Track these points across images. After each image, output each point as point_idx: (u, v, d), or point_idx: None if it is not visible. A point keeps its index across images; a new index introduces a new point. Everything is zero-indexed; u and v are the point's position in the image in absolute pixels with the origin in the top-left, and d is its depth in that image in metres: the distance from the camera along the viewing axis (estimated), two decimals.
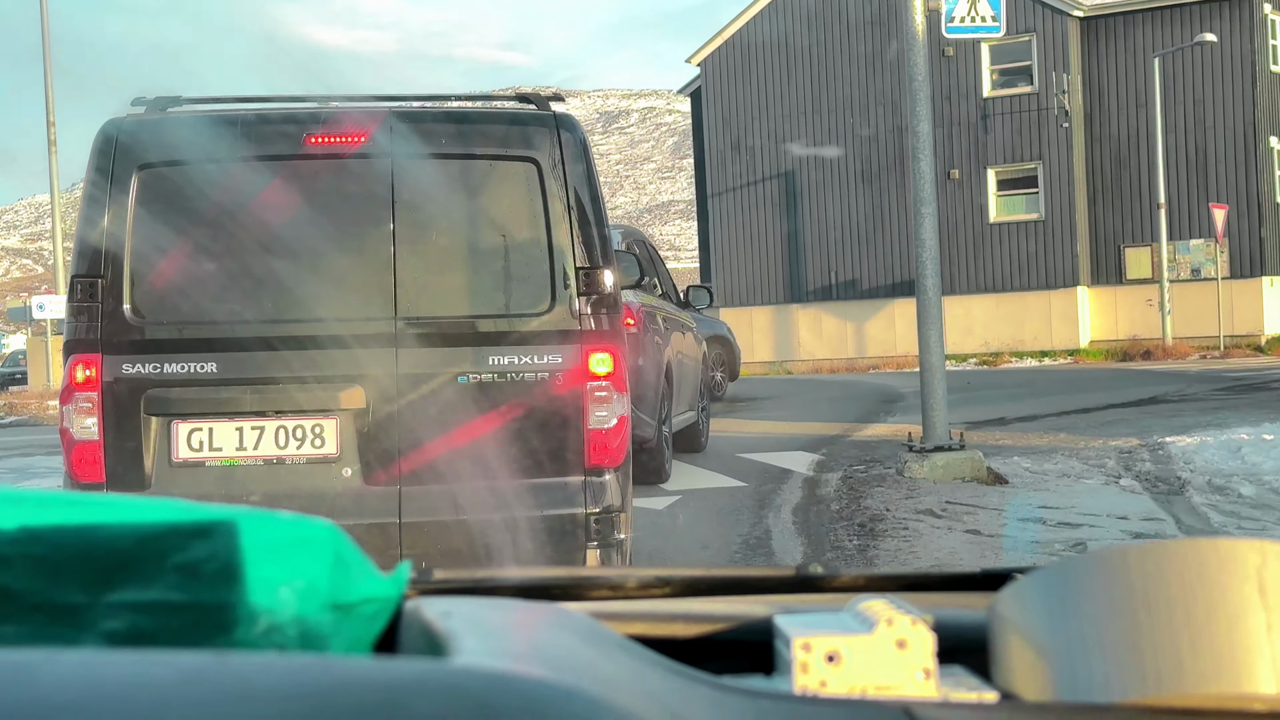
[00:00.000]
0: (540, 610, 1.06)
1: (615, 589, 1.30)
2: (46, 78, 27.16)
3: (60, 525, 0.94)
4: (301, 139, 5.59)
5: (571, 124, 5.74)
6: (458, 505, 5.35)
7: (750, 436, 13.55)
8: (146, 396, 5.46)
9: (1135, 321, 30.49)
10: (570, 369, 5.52)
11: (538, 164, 5.59)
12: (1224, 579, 0.95)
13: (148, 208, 5.50)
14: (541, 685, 0.77)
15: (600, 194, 5.80)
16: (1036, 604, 1.01)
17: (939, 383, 10.34)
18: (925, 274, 10.47)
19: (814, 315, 32.70)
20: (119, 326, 5.50)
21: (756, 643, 1.12)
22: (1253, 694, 0.93)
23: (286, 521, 0.98)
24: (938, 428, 10.20)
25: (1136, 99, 30.63)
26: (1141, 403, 15.74)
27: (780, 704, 0.93)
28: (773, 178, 33.15)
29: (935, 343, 10.48)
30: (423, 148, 5.60)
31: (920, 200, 10.33)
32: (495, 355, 5.49)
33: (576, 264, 5.56)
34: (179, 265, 5.58)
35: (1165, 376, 20.43)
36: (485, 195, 5.68)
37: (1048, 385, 20.46)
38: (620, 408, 5.60)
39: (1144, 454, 10.85)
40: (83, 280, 5.54)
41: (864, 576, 1.30)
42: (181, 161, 5.57)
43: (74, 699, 0.68)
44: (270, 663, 0.75)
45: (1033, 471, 10.23)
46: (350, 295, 5.54)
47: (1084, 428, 13.04)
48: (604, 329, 5.60)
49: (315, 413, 5.47)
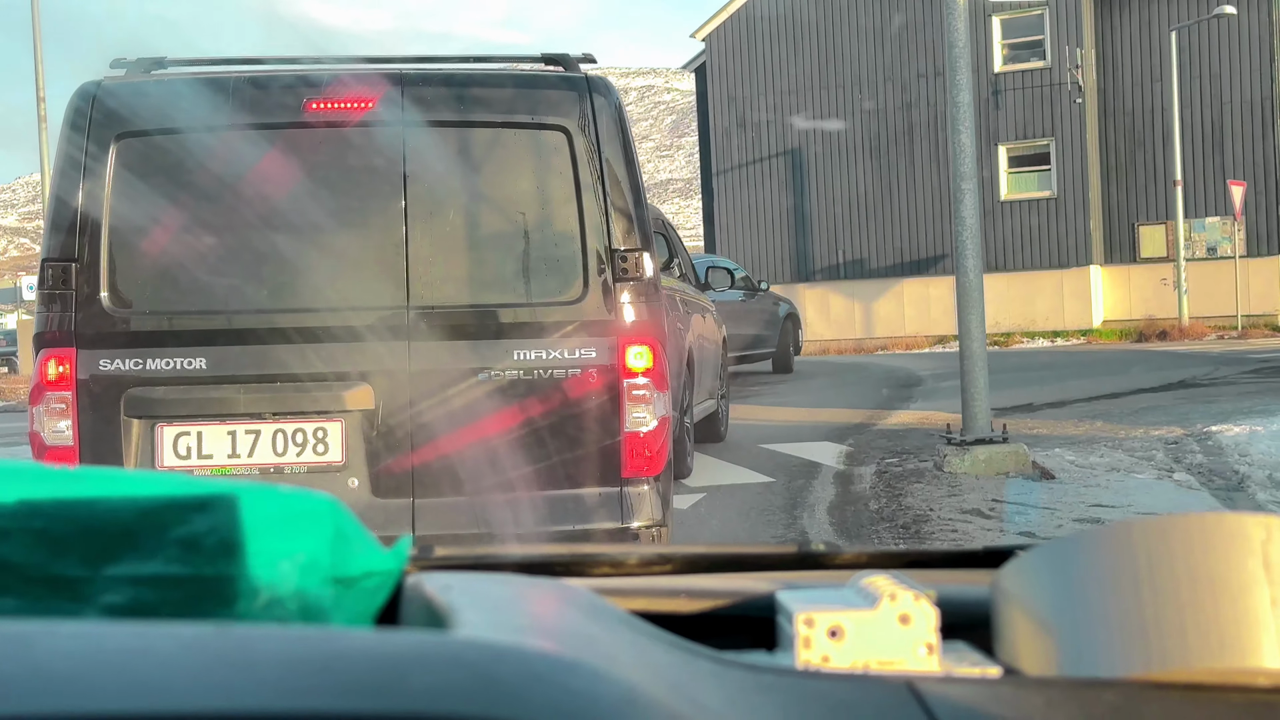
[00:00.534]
0: (542, 585, 1.08)
1: (617, 566, 1.32)
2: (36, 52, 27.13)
3: (60, 498, 0.95)
4: (301, 105, 5.09)
5: (606, 88, 5.24)
6: (477, 520, 4.95)
7: (770, 425, 13.25)
8: (127, 396, 5.00)
9: (1149, 301, 30.46)
10: (604, 364, 5.05)
11: (568, 133, 5.11)
12: (1229, 554, 0.96)
13: (128, 182, 5.01)
14: (543, 657, 0.78)
15: (638, 167, 5.29)
16: (1040, 579, 1.03)
17: (980, 370, 9.77)
18: (966, 254, 9.83)
19: (821, 295, 32.68)
20: (96, 317, 5.01)
21: (759, 619, 1.14)
22: (1257, 669, 0.94)
23: (287, 495, 0.99)
24: (979, 419, 9.67)
25: (1151, 73, 30.54)
26: (1171, 387, 15.58)
27: (782, 678, 0.95)
28: (778, 155, 33.09)
29: (976, 327, 9.91)
30: (438, 114, 5.12)
31: (960, 175, 9.70)
32: (520, 349, 5.03)
33: (611, 246, 5.09)
34: (163, 247, 5.09)
35: (1188, 358, 20.31)
36: (509, 168, 5.20)
37: (1070, 368, 20.28)
38: (661, 408, 5.11)
39: (1192, 445, 10.47)
40: (54, 264, 5.03)
41: (867, 554, 1.31)
42: (166, 129, 5.06)
43: (73, 669, 0.69)
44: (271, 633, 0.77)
45: (1079, 465, 9.82)
46: (357, 282, 5.09)
47: (1119, 415, 12.76)
48: (643, 319, 5.11)
49: (317, 415, 5.01)
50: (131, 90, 5.12)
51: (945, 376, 19.16)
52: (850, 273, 32.47)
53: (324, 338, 4.99)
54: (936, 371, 20.33)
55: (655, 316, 5.18)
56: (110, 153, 5.01)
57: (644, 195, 5.29)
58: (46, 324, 5.05)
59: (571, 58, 5.47)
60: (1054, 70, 30.71)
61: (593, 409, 5.04)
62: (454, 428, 5.00)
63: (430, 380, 5.00)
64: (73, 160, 5.02)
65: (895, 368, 22.29)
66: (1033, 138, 31.01)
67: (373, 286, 5.06)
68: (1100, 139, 31.10)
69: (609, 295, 5.09)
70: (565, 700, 0.74)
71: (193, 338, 5.02)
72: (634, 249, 5.12)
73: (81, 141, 5.01)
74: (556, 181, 5.12)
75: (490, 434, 5.00)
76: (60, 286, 5.03)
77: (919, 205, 31.69)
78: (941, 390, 16.68)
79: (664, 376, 5.14)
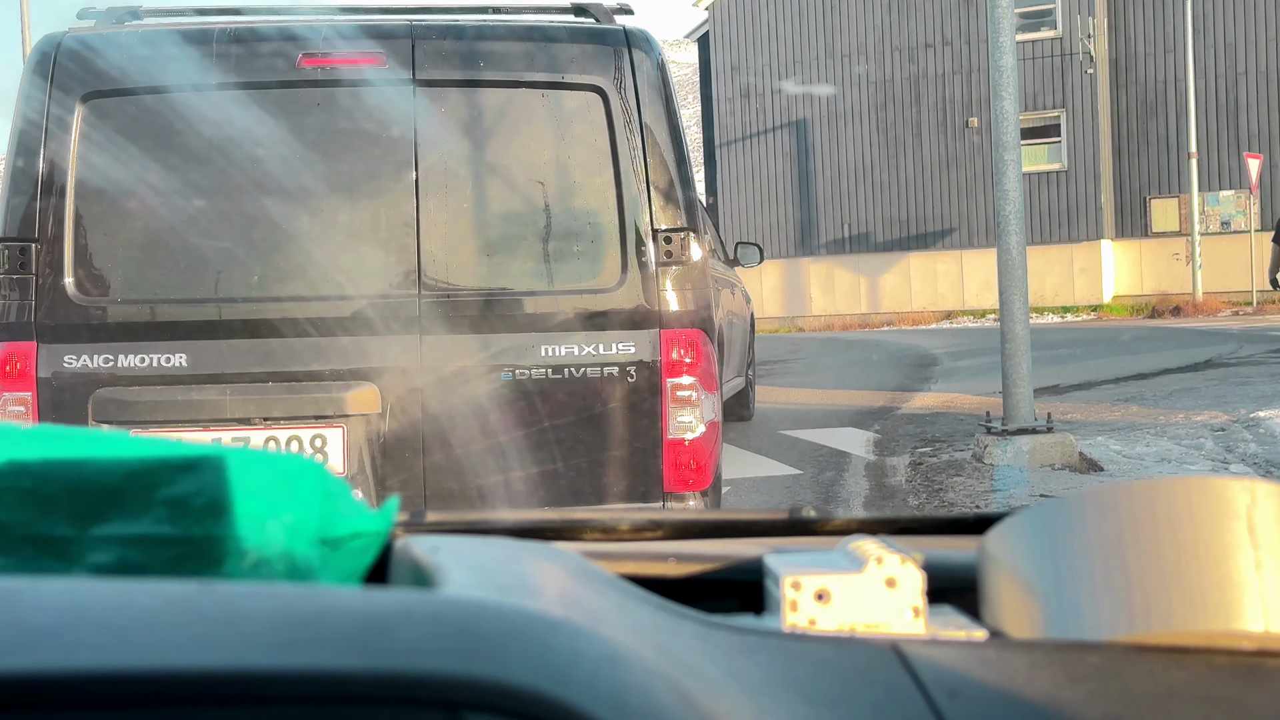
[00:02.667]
0: (530, 548, 1.10)
1: (609, 532, 1.34)
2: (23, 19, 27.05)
3: (48, 459, 0.97)
4: (296, 60, 4.56)
5: (646, 42, 4.71)
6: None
7: (788, 408, 12.98)
8: (96, 398, 4.51)
9: (1161, 276, 30.42)
10: (644, 361, 4.57)
11: (603, 94, 4.59)
12: (1213, 518, 0.98)
13: (96, 150, 4.51)
14: (524, 615, 0.80)
15: (683, 133, 4.76)
16: (1025, 542, 1.05)
17: (1023, 354, 9.10)
18: (1009, 229, 9.27)
19: (826, 269, 32.64)
20: (59, 306, 4.51)
21: (748, 583, 1.16)
22: (1241, 632, 0.96)
23: (275, 458, 1.01)
24: (1021, 406, 9.12)
25: (1165, 43, 30.42)
26: (1198, 367, 15.34)
27: (767, 640, 0.97)
28: (783, 126, 33.01)
29: (1019, 307, 9.29)
30: (453, 73, 4.61)
31: (1003, 145, 9.14)
32: (549, 344, 4.55)
33: (654, 225, 4.59)
34: (137, 225, 4.56)
35: (1207, 335, 20.17)
36: (534, 134, 4.66)
37: (1087, 345, 20.04)
38: (709, 411, 4.62)
39: (1241, 432, 10.14)
40: (10, 245, 4.52)
41: (857, 520, 1.34)
42: (140, 89, 4.53)
43: (57, 623, 0.71)
44: (255, 591, 0.79)
45: (1126, 455, 9.45)
46: (360, 266, 4.58)
47: (1152, 397, 12.44)
48: (688, 309, 4.61)
49: (316, 420, 4.51)
50: (101, 43, 4.59)
51: (960, 355, 19.07)
52: (855, 246, 32.42)
53: (322, 330, 4.53)
54: (950, 349, 20.18)
55: (703, 306, 4.67)
56: (76, 115, 4.50)
57: (690, 167, 4.76)
58: (3, 314, 4.53)
59: (606, 6, 4.92)
60: (1065, 40, 30.60)
61: (631, 413, 4.58)
62: (472, 434, 4.52)
63: (445, 379, 4.54)
64: (33, 124, 4.50)
65: (906, 345, 22.16)
66: (1043, 109, 30.91)
67: (378, 271, 4.58)
68: (1112, 110, 31.00)
69: (650, 281, 4.59)
70: (546, 657, 0.76)
71: (171, 330, 4.53)
72: (679, 228, 4.61)
73: (43, 102, 4.50)
74: (590, 150, 4.62)
75: (514, 442, 4.54)
76: (17, 270, 4.51)
77: (926, 178, 31.62)
78: (960, 370, 16.56)
79: (712, 376, 4.66)
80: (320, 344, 4.53)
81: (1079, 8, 30.53)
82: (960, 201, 31.26)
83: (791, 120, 32.90)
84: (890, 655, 0.95)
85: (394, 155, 4.57)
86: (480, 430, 4.51)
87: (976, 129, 30.96)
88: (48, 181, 4.51)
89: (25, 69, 4.60)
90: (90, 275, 4.55)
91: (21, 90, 4.57)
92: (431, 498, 4.49)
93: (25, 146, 4.52)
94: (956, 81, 31.29)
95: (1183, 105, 29.18)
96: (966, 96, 31.03)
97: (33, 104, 4.52)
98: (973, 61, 31.11)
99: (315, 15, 4.94)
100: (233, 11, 5.05)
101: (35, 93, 4.52)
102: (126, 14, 4.88)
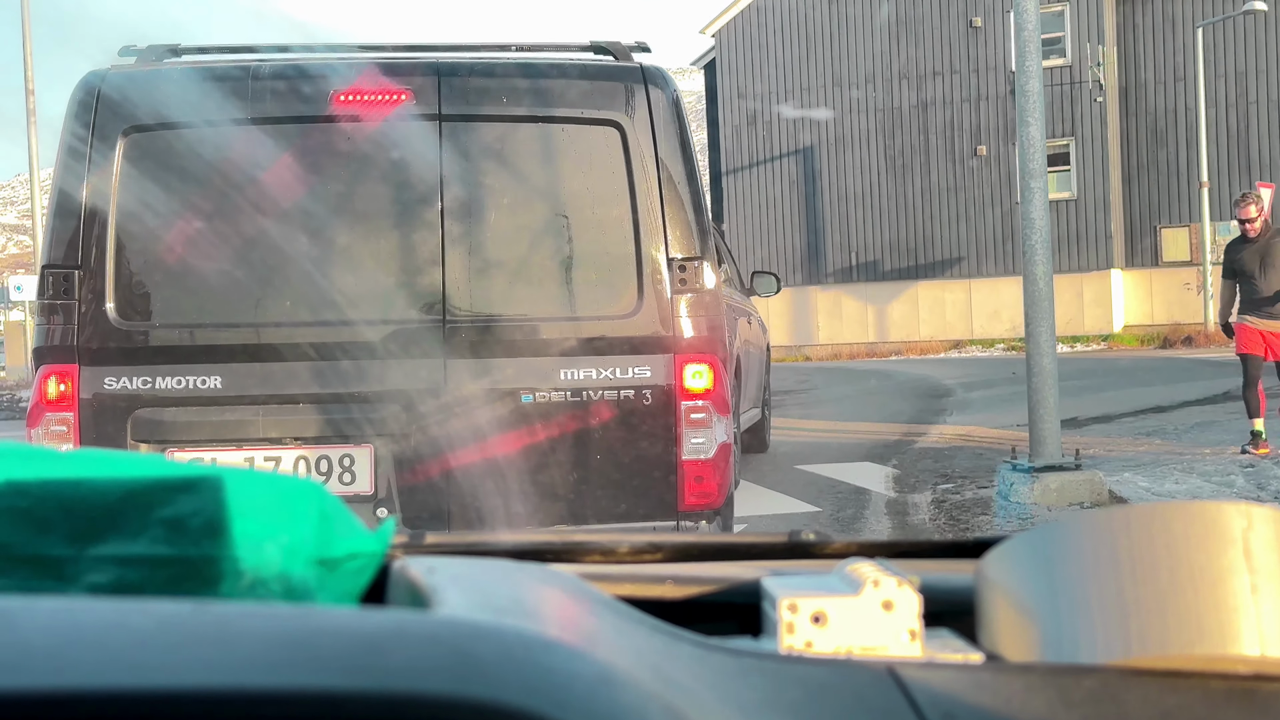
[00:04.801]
0: (526, 569, 1.11)
1: (607, 554, 1.35)
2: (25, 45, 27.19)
3: (45, 478, 0.99)
4: (328, 97, 4.77)
5: (662, 79, 4.92)
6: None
7: (802, 441, 12.85)
8: (134, 419, 4.72)
9: (1172, 306, 30.44)
10: (660, 385, 4.77)
11: (621, 128, 4.81)
12: (1209, 541, 0.99)
13: (137, 181, 4.73)
14: (520, 636, 0.81)
15: (697, 166, 4.97)
16: (1022, 566, 1.06)
17: (1050, 388, 8.89)
18: (1035, 258, 8.98)
19: (833, 297, 32.69)
20: (101, 330, 4.73)
21: (745, 605, 1.17)
22: (1237, 656, 0.97)
23: (272, 478, 1.03)
24: (1048, 442, 8.91)
25: (1175, 72, 30.53)
26: (1217, 399, 15.19)
27: (763, 662, 0.98)
28: (789, 154, 33.12)
29: (1046, 340, 8.99)
30: (478, 108, 4.82)
31: (1029, 173, 9.01)
32: (567, 368, 4.75)
33: (669, 253, 4.80)
34: (175, 255, 4.78)
35: (1222, 366, 20.07)
36: (556, 167, 4.88)
37: (1101, 376, 19.94)
38: (721, 433, 4.80)
39: (1272, 469, 10.02)
40: (55, 271, 4.74)
41: (856, 543, 1.35)
42: (180, 124, 4.76)
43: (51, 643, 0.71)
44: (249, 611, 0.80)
45: (1155, 493, 9.26)
46: (388, 292, 4.77)
47: (1174, 431, 12.31)
48: (702, 335, 4.81)
49: (344, 440, 4.71)
50: (141, 81, 4.82)
51: (973, 385, 19.01)
52: (862, 274, 32.48)
53: (351, 354, 4.70)
54: (962, 380, 20.10)
55: (716, 332, 4.87)
56: (117, 149, 4.73)
57: (704, 198, 4.97)
58: (47, 337, 4.75)
59: (623, 45, 5.14)
60: (1074, 68, 30.72)
61: (647, 434, 4.76)
62: (495, 454, 4.68)
63: (468, 402, 4.70)
64: (76, 157, 4.74)
65: (917, 375, 22.11)
66: (1052, 137, 30.99)
67: (405, 298, 4.77)
68: (1121, 139, 31.10)
69: (665, 308, 4.78)
70: (542, 678, 0.76)
71: (206, 354, 4.72)
72: (693, 257, 4.81)
73: (86, 137, 4.72)
74: (608, 182, 4.82)
75: (535, 462, 4.71)
76: (62, 296, 4.73)
77: (934, 206, 31.70)
78: (973, 402, 16.51)
79: (725, 399, 4.84)
80: (349, 367, 4.71)
81: (1088, 36, 30.66)
82: (968, 230, 31.32)
83: (798, 148, 33.01)
84: (886, 678, 0.96)
85: (420, 188, 4.78)
86: (501, 450, 4.69)
87: (985, 157, 31.05)
88: (90, 211, 4.72)
89: (70, 103, 4.81)
90: (130, 301, 4.76)
91: (65, 124, 4.78)
92: (455, 515, 4.67)
93: (69, 179, 4.73)
94: (964, 110, 31.40)
95: (1193, 134, 29.27)
96: (974, 125, 31.13)
97: (77, 138, 4.73)
98: (980, 90, 31.22)
99: (348, 54, 5.17)
100: (269, 50, 5.25)
101: (79, 128, 4.74)
102: (166, 52, 5.13)
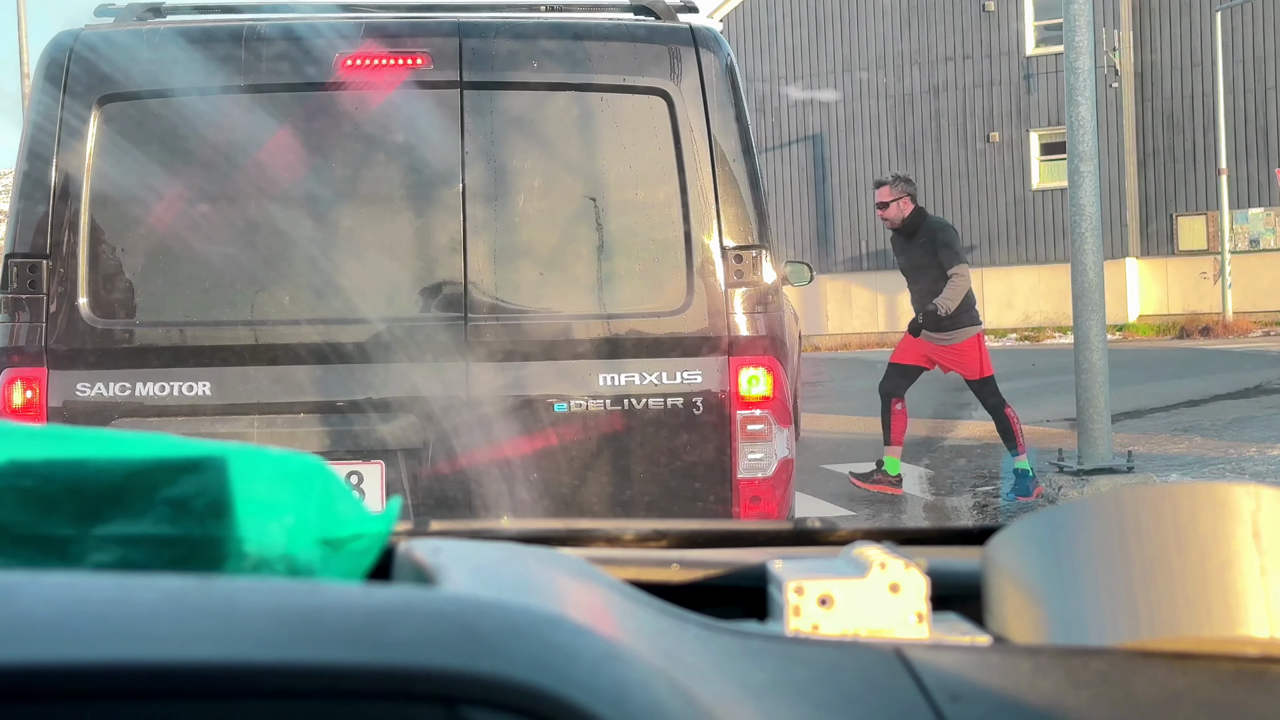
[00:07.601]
0: (532, 551, 1.12)
1: (613, 540, 1.36)
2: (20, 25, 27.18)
3: (49, 459, 1.00)
4: (333, 61, 4.24)
5: (715, 41, 4.42)
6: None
7: (824, 437, 12.55)
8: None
9: (1188, 295, 30.36)
10: (712, 392, 4.27)
11: (668, 97, 4.30)
12: (1217, 523, 1.00)
13: (115, 157, 4.20)
14: (525, 611, 0.82)
15: (752, 142, 4.50)
16: (1029, 549, 1.07)
17: (1100, 386, 8.40)
18: (1084, 248, 8.42)
19: (843, 286, 32.65)
20: (73, 328, 4.21)
21: (753, 590, 1.18)
22: (1245, 638, 0.98)
23: (277, 457, 1.04)
24: (1099, 444, 8.50)
25: (1192, 57, 30.41)
26: (1248, 392, 14.90)
27: (770, 644, 0.99)
28: (799, 140, 33.06)
29: (1096, 334, 8.45)
30: (504, 75, 4.29)
31: (1078, 155, 8.46)
32: (607, 372, 4.24)
33: (723, 241, 4.28)
34: (157, 242, 4.28)
35: (1244, 358, 19.88)
36: (593, 142, 4.39)
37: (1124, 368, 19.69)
38: (782, 446, 4.32)
39: None
40: (20, 261, 4.21)
41: (862, 530, 1.36)
42: (164, 91, 4.21)
43: (54, 616, 0.73)
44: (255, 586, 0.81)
45: None
46: (402, 285, 4.30)
47: (1212, 428, 12.03)
48: (760, 334, 4.30)
49: (352, 455, 4.18)
50: (120, 42, 4.27)
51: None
52: (872, 263, 32.42)
53: (359, 357, 4.20)
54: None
55: (776, 331, 4.38)
56: (92, 120, 4.18)
57: (761, 178, 4.48)
58: (11, 337, 4.23)
59: (668, 4, 4.58)
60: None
61: (697, 449, 4.27)
62: (524, 471, 4.18)
63: (493, 411, 4.20)
64: (44, 130, 4.19)
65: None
66: (1063, 124, 30.91)
67: (421, 292, 4.28)
68: (1137, 125, 31.00)
69: (718, 304, 4.27)
70: (547, 653, 0.78)
71: (194, 356, 4.23)
72: (751, 245, 4.29)
73: (55, 107, 4.17)
74: (653, 159, 4.31)
75: (570, 480, 4.23)
76: (27, 290, 4.20)
77: (945, 194, 31.63)
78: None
79: (786, 407, 4.35)
80: (356, 371, 4.21)
81: (1104, 21, 30.55)
82: (980, 218, 31.25)
83: (807, 134, 32.96)
84: (893, 660, 0.97)
85: (438, 165, 4.27)
86: (533, 468, 4.19)
87: (998, 143, 30.98)
88: (60, 193, 4.20)
89: (36, 69, 4.29)
90: (106, 295, 4.25)
91: (32, 93, 4.28)
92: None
93: (36, 155, 4.20)
94: (976, 95, 31.32)
95: (1210, 120, 29.15)
96: (986, 110, 31.04)
97: (44, 108, 4.20)
98: (993, 75, 31.13)
99: (357, 13, 4.60)
100: (265, 8, 4.74)
101: (47, 96, 4.19)
102: (147, 10, 4.61)
